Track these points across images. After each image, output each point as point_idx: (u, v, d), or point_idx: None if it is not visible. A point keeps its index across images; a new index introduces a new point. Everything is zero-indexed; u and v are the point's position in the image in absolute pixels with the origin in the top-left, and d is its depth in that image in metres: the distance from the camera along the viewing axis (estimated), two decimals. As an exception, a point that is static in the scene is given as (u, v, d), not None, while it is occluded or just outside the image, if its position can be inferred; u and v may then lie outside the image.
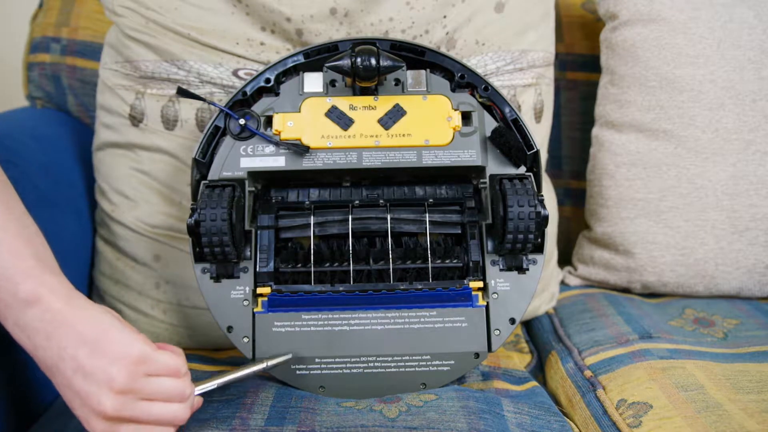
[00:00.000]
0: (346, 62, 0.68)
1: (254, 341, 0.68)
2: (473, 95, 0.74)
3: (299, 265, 0.70)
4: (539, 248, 0.70)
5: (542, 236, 0.70)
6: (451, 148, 0.72)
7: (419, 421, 0.61)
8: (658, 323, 0.83)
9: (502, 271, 0.70)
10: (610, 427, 0.67)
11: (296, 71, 0.74)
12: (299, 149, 0.70)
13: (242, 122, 0.71)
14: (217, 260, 0.68)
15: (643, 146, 0.93)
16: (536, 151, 0.71)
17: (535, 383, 0.75)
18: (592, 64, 1.03)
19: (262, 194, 0.73)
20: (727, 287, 0.92)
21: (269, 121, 0.72)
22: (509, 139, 0.70)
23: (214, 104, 0.74)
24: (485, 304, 0.69)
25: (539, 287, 0.89)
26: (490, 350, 0.69)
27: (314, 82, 0.73)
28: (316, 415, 0.63)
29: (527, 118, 0.86)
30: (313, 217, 0.71)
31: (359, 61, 0.67)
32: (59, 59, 0.99)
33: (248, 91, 0.73)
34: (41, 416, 0.69)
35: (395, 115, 0.72)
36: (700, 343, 0.79)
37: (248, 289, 0.69)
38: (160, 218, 0.81)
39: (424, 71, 0.74)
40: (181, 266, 0.81)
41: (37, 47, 1.00)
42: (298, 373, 0.68)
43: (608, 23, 0.96)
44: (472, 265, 0.70)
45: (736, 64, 0.90)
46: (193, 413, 0.58)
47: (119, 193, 0.82)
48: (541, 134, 0.89)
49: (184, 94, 0.73)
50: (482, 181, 0.72)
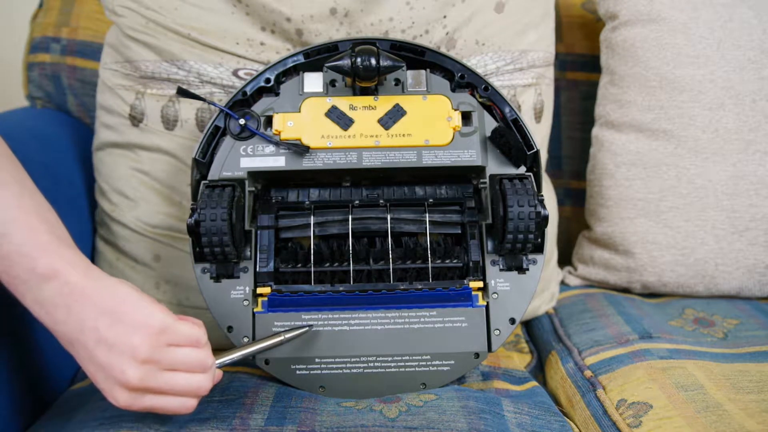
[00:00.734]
0: (346, 62, 0.68)
1: (254, 341, 0.68)
2: (473, 95, 0.74)
3: (299, 265, 0.70)
4: (539, 248, 0.70)
5: (542, 236, 0.70)
6: (451, 148, 0.72)
7: (419, 421, 0.61)
8: (658, 323, 0.83)
9: (502, 271, 0.70)
10: (610, 427, 0.67)
11: (296, 71, 0.74)
12: (299, 149, 0.70)
13: (242, 122, 0.71)
14: (217, 260, 0.68)
15: (643, 146, 0.93)
16: (536, 151, 0.71)
17: (535, 383, 0.75)
18: (592, 64, 1.03)
19: (262, 194, 0.73)
20: (727, 287, 0.92)
21: (269, 121, 0.72)
22: (509, 139, 0.70)
23: (214, 104, 0.74)
24: (485, 304, 0.69)
25: (539, 287, 0.89)
26: (490, 350, 0.69)
27: (314, 82, 0.73)
28: (316, 415, 0.63)
29: (527, 118, 0.86)
30: (313, 217, 0.71)
31: (359, 61, 0.67)
32: (59, 59, 0.99)
33: (248, 91, 0.73)
34: (45, 413, 0.70)
35: (395, 115, 0.72)
36: (700, 343, 0.79)
37: (248, 289, 0.69)
38: (160, 218, 0.81)
39: (424, 71, 0.74)
40: (181, 266, 0.81)
41: (37, 47, 1.00)
42: (298, 373, 0.68)
43: (608, 23, 0.96)
44: (472, 265, 0.70)
45: (736, 64, 0.90)
46: (214, 384, 0.59)
47: (119, 193, 0.82)
48: (541, 134, 0.89)
49: (184, 94, 0.73)
50: (482, 181, 0.72)
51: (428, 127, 0.72)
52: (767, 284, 0.92)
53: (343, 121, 0.72)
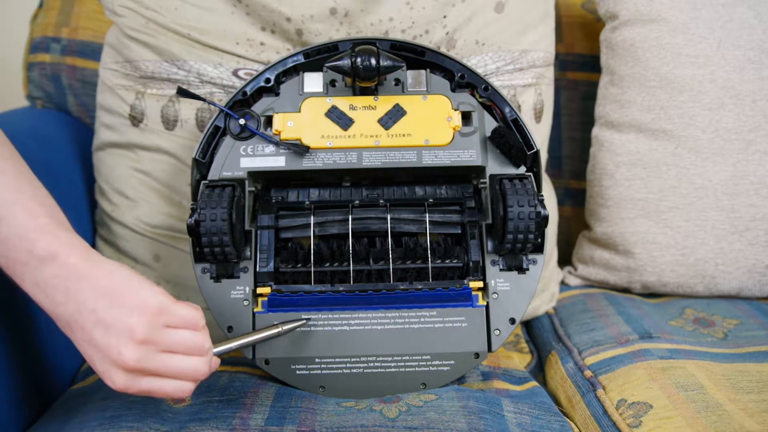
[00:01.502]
0: (346, 62, 0.68)
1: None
2: (473, 95, 0.74)
3: (299, 265, 0.70)
4: (539, 248, 0.70)
5: (542, 236, 0.70)
6: (451, 148, 0.72)
7: (419, 421, 0.61)
8: (658, 323, 0.83)
9: (502, 271, 0.70)
10: (610, 427, 0.67)
11: (296, 71, 0.74)
12: (299, 149, 0.70)
13: (242, 122, 0.71)
14: (217, 260, 0.68)
15: (643, 146, 0.93)
16: (536, 151, 0.71)
17: (535, 383, 0.75)
18: (592, 64, 1.03)
19: (262, 194, 0.73)
20: (727, 287, 0.92)
21: (269, 121, 0.72)
22: (509, 139, 0.70)
23: (214, 104, 0.74)
24: (485, 304, 0.69)
25: (539, 287, 0.89)
26: (490, 350, 0.69)
27: (314, 82, 0.73)
28: (316, 415, 0.63)
29: (527, 118, 0.86)
30: (313, 217, 0.71)
31: (359, 61, 0.67)
32: (59, 59, 0.99)
33: (248, 91, 0.72)
34: (45, 413, 0.70)
35: (395, 115, 0.72)
36: (700, 343, 0.79)
37: (248, 289, 0.69)
38: (160, 218, 0.81)
39: (424, 71, 0.74)
40: (181, 266, 0.81)
41: (37, 47, 1.00)
42: (298, 373, 0.68)
43: (608, 23, 0.96)
44: (472, 265, 0.70)
45: (736, 64, 0.90)
46: (211, 372, 0.58)
47: (119, 193, 0.82)
48: (541, 134, 0.89)
49: (184, 94, 0.73)
50: (482, 181, 0.72)
51: (428, 127, 0.72)
52: (767, 284, 0.92)
53: (343, 121, 0.72)
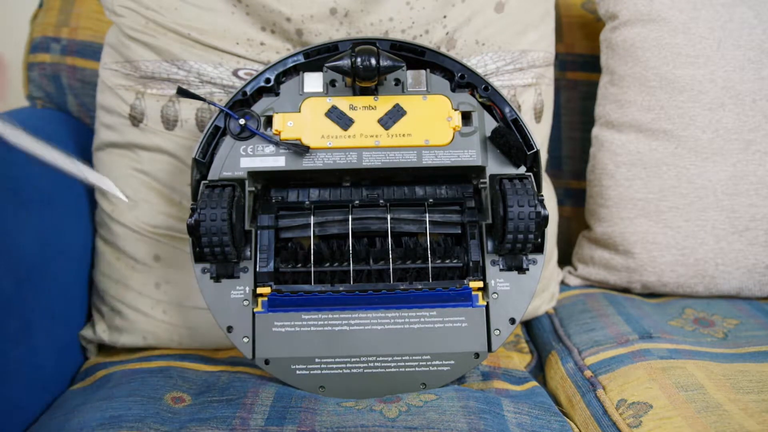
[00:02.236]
0: (346, 62, 0.68)
1: (254, 341, 0.68)
2: (473, 95, 0.74)
3: (299, 265, 0.70)
4: (539, 248, 0.70)
5: (542, 236, 0.70)
6: (451, 148, 0.72)
7: (419, 421, 0.61)
8: (658, 323, 0.83)
9: (502, 271, 0.70)
10: (610, 427, 0.67)
11: (296, 71, 0.74)
12: (299, 149, 0.70)
13: (242, 122, 0.71)
14: (217, 260, 0.68)
15: (643, 146, 0.93)
16: (536, 151, 0.71)
17: (535, 383, 0.75)
18: (592, 64, 1.03)
19: (262, 194, 0.73)
20: (727, 287, 0.92)
21: (269, 121, 0.72)
22: (509, 139, 0.70)
23: (214, 104, 0.74)
24: (485, 304, 0.69)
25: (539, 287, 0.89)
26: (490, 350, 0.69)
27: (314, 82, 0.73)
28: (316, 415, 0.63)
29: (527, 118, 0.86)
30: (313, 217, 0.71)
31: (359, 61, 0.67)
32: (59, 59, 0.99)
33: (248, 91, 0.73)
34: (45, 413, 0.70)
35: (395, 115, 0.72)
36: (700, 343, 0.79)
37: (248, 289, 0.69)
38: (160, 218, 0.81)
39: (424, 71, 0.74)
40: (181, 266, 0.81)
41: (37, 47, 1.00)
42: (298, 373, 0.68)
43: (608, 23, 0.96)
44: (472, 265, 0.70)
45: (736, 64, 0.90)
46: None
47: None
48: (541, 134, 0.89)
49: (184, 94, 0.73)
50: (482, 181, 0.72)
51: (428, 127, 0.72)
52: (767, 284, 0.92)
53: (343, 121, 0.72)
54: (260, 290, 0.69)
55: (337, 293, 0.69)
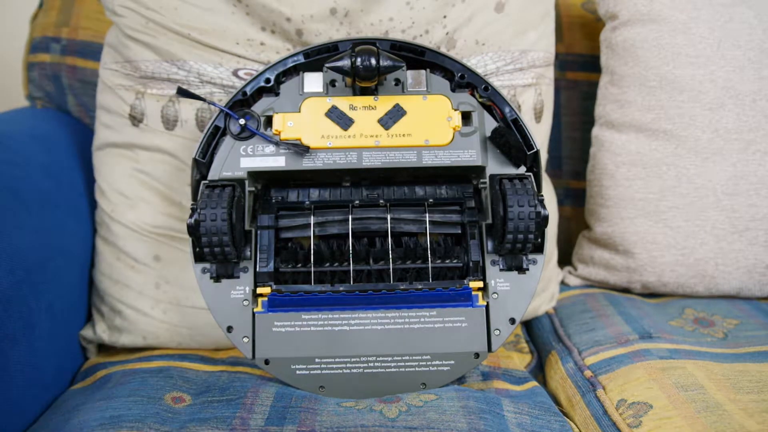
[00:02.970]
0: (346, 62, 0.68)
1: (254, 341, 0.68)
2: (473, 95, 0.74)
3: (299, 265, 0.70)
4: (539, 248, 0.70)
5: (542, 236, 0.70)
6: (451, 148, 0.72)
7: (419, 421, 0.61)
8: (658, 323, 0.83)
9: (502, 271, 0.70)
10: (610, 427, 0.67)
11: (296, 71, 0.74)
12: (299, 149, 0.70)
13: (242, 122, 0.71)
14: (217, 260, 0.68)
15: (643, 146, 0.93)
16: (536, 151, 0.71)
17: (535, 383, 0.75)
18: (592, 64, 1.03)
19: (262, 194, 0.73)
20: (727, 287, 0.92)
21: (269, 121, 0.72)
22: (509, 139, 0.70)
23: (214, 104, 0.74)
24: (485, 304, 0.69)
25: (539, 287, 0.89)
26: (490, 350, 0.69)
27: (314, 82, 0.73)
28: (316, 415, 0.63)
29: (527, 118, 0.86)
30: (313, 217, 0.71)
31: (359, 61, 0.67)
32: (59, 59, 0.99)
33: (248, 91, 0.73)
34: (45, 413, 0.70)
35: (395, 115, 0.72)
36: (700, 343, 0.79)
37: (248, 289, 0.69)
38: (160, 218, 0.81)
39: (424, 71, 0.74)
40: (181, 266, 0.81)
41: (37, 47, 1.00)
42: (298, 373, 0.68)
43: (608, 23, 0.96)
44: (472, 265, 0.70)
45: (736, 64, 0.90)
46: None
47: (119, 193, 0.82)
48: (541, 134, 0.89)
49: (184, 94, 0.73)
50: (482, 181, 0.72)
51: (428, 127, 0.72)
52: (767, 284, 0.92)
53: (343, 121, 0.72)
54: (260, 290, 0.69)
55: (337, 293, 0.69)
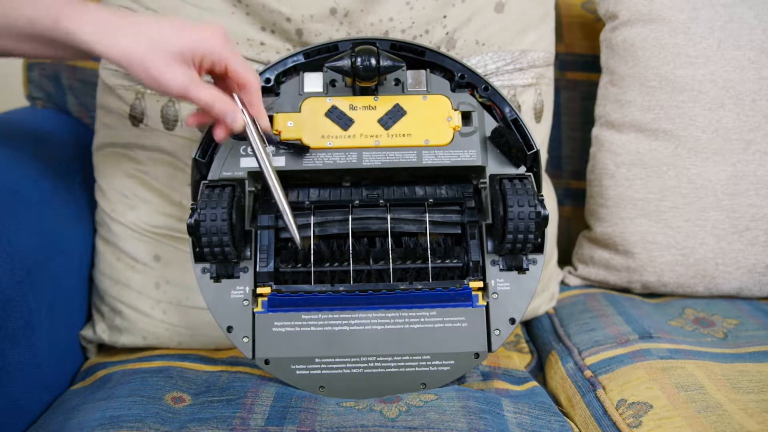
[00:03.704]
0: (346, 62, 0.68)
1: (254, 341, 0.68)
2: (473, 95, 0.74)
3: (299, 265, 0.70)
4: (539, 248, 0.70)
5: (542, 236, 0.70)
6: (451, 148, 0.72)
7: (419, 421, 0.61)
8: (658, 323, 0.83)
9: (502, 271, 0.70)
10: (610, 427, 0.67)
11: (296, 71, 0.74)
12: (299, 149, 0.70)
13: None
14: (217, 260, 0.68)
15: (643, 146, 0.93)
16: (536, 151, 0.71)
17: (535, 383, 0.75)
18: (592, 64, 1.03)
19: (262, 194, 0.73)
20: (727, 287, 0.92)
21: (269, 121, 0.72)
22: (509, 139, 0.70)
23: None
24: (485, 304, 0.69)
25: (539, 287, 0.89)
26: (490, 350, 0.69)
27: (314, 82, 0.73)
28: (316, 415, 0.63)
29: (527, 118, 0.86)
30: (313, 217, 0.71)
31: (359, 61, 0.67)
32: (59, 59, 0.99)
33: (248, 91, 0.72)
34: (45, 413, 0.70)
35: (395, 115, 0.72)
36: (700, 343, 0.79)
37: (248, 289, 0.69)
38: (160, 218, 0.81)
39: (424, 71, 0.74)
40: (181, 266, 0.81)
41: (37, 47, 0.99)
42: (298, 373, 0.68)
43: (608, 23, 0.96)
44: (472, 265, 0.70)
45: (736, 64, 0.90)
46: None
47: (119, 193, 0.82)
48: (541, 134, 0.89)
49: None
50: (482, 181, 0.72)
51: (428, 127, 0.72)
52: (767, 284, 0.92)
53: (343, 121, 0.72)
54: (260, 290, 0.69)
55: (337, 293, 0.69)
